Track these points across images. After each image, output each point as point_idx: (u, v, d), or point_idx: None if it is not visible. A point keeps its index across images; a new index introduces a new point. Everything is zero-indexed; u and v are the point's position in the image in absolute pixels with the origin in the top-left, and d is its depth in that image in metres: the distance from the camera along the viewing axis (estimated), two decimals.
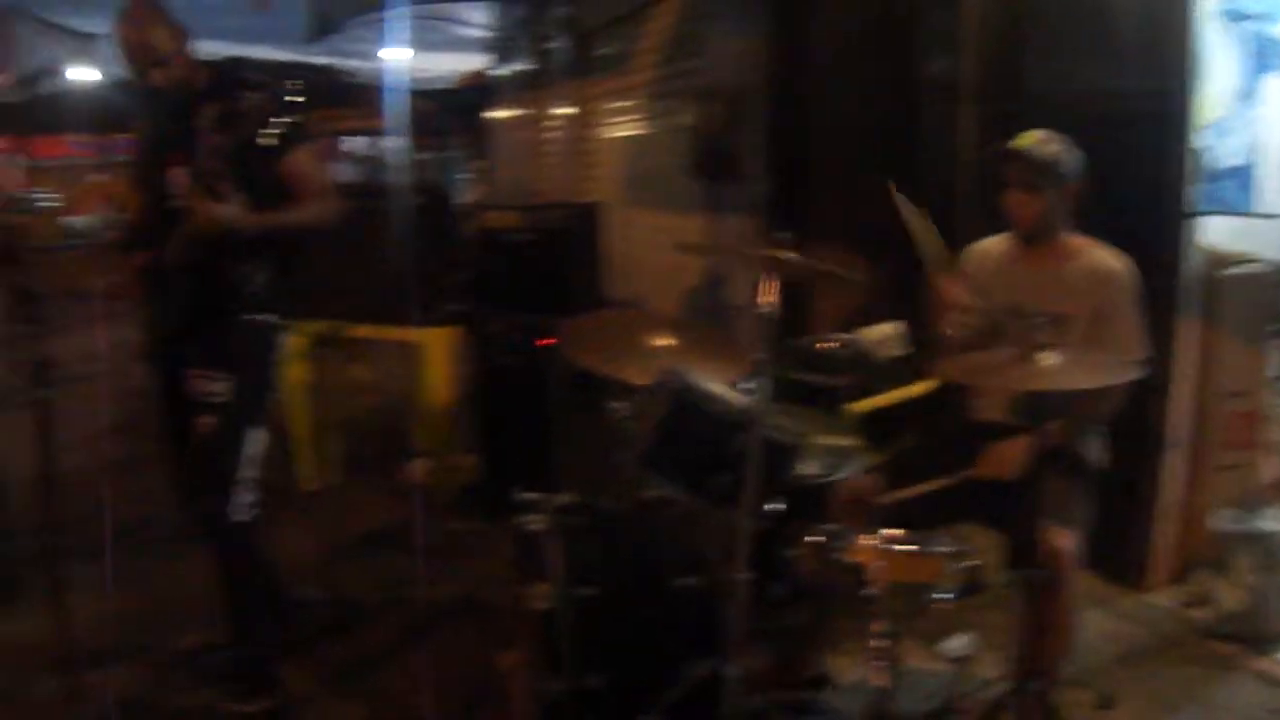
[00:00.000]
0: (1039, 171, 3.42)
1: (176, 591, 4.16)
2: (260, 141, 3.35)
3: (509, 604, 3.13)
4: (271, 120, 3.37)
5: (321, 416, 6.20)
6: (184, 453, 3.72)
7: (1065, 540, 3.18)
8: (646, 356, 3.35)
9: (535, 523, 3.15)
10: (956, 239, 3.87)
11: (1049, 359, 2.87)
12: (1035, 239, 3.55)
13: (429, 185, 10.26)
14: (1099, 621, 4.19)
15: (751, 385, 2.90)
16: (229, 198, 3.38)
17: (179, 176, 3.47)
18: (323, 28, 17.53)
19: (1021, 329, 3.01)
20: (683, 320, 4.55)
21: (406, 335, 5.87)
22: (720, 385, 3.17)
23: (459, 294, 5.77)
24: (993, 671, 3.49)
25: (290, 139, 3.53)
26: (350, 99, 16.83)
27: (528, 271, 5.56)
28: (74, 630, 3.25)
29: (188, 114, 3.41)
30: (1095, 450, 3.53)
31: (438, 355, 5.85)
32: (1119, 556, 4.39)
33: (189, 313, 3.58)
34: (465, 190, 17.84)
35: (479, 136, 17.98)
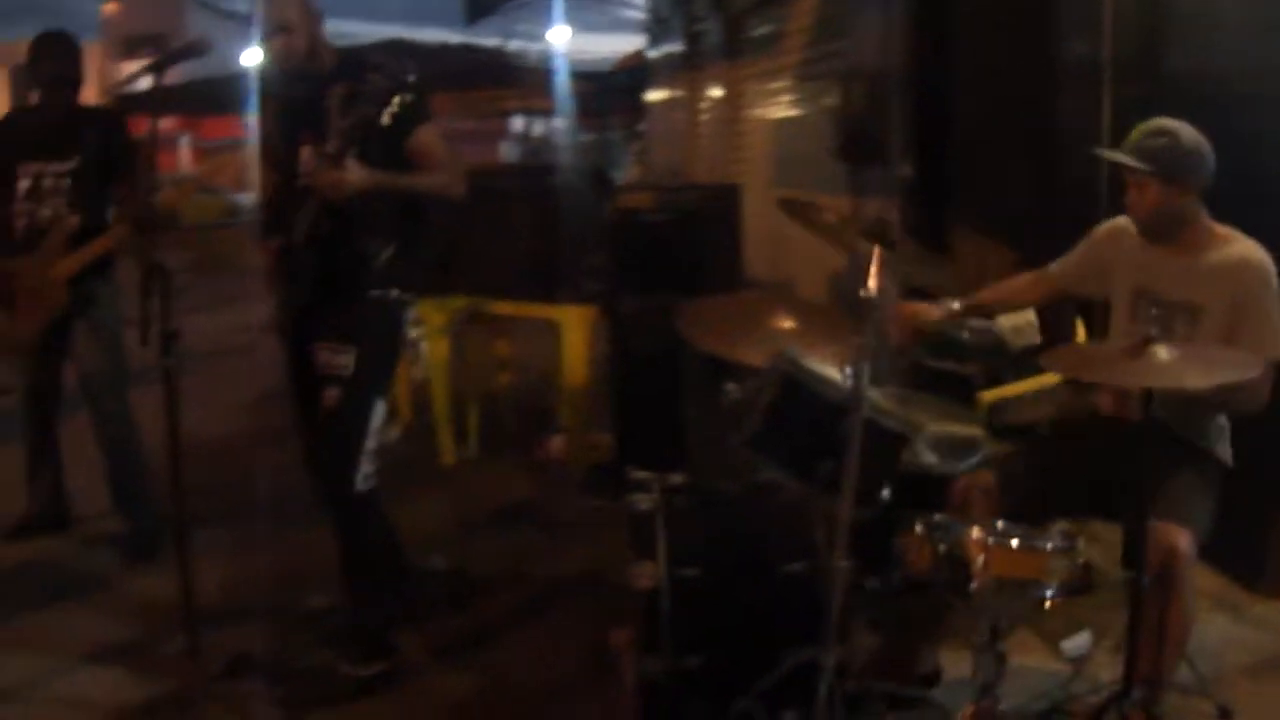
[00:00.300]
0: (1142, 166, 3.21)
1: (307, 556, 4.29)
2: (385, 122, 3.43)
3: (624, 583, 3.15)
4: (397, 101, 3.44)
5: (461, 391, 6.33)
6: (311, 424, 3.84)
7: (1181, 537, 3.03)
8: (767, 339, 3.32)
9: (644, 502, 3.17)
10: (1097, 221, 3.76)
11: (1163, 353, 2.77)
12: (1156, 233, 3.34)
13: (591, 166, 10.36)
14: (1226, 627, 4.01)
15: (854, 370, 2.86)
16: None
17: (309, 156, 3.59)
18: (479, 9, 17.79)
19: (1144, 317, 2.89)
20: (809, 303, 4.51)
21: (546, 312, 5.96)
22: (833, 369, 3.13)
23: (599, 274, 5.82)
24: (1110, 674, 3.38)
25: (415, 119, 3.61)
26: (513, 79, 17.12)
27: (664, 253, 5.58)
28: (206, 591, 3.38)
29: (318, 95, 3.52)
30: (1221, 446, 3.38)
31: (575, 333, 5.93)
32: (1254, 560, 4.22)
33: (316, 287, 3.68)
34: (625, 170, 18.02)
35: (637, 117, 18.11)
